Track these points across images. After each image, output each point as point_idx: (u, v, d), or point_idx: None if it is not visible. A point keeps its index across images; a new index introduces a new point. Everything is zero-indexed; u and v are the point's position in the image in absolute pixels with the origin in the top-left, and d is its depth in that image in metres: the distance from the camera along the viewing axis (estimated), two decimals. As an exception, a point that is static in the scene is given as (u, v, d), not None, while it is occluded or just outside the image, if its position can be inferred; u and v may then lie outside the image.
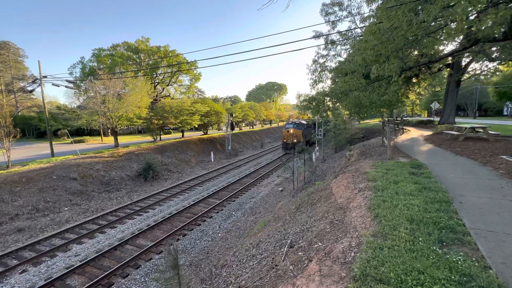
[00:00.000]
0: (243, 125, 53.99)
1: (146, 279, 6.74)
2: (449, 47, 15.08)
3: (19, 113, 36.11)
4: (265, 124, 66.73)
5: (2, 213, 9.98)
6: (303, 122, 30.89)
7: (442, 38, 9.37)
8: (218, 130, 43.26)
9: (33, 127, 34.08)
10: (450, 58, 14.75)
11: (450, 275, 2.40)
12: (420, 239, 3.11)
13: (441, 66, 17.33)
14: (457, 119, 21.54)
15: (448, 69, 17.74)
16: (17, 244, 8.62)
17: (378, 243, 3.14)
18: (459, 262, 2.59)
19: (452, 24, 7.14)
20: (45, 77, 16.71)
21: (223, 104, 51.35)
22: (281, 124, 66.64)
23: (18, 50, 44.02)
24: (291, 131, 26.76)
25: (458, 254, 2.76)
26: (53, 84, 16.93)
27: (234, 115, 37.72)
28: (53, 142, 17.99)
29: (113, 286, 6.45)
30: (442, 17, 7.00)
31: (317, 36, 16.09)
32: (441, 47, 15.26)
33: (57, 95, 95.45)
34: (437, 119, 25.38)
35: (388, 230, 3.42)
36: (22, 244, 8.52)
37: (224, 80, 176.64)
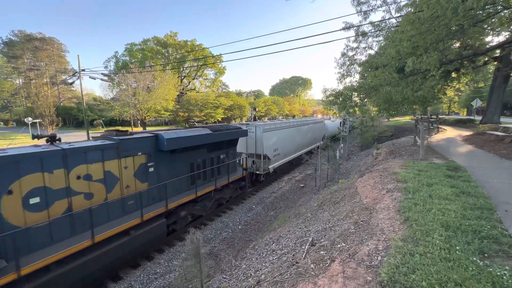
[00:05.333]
0: (266, 119, 53.91)
1: (170, 264, 7.07)
2: (499, 37, 13.50)
3: (61, 104, 39.45)
4: (287, 117, 66.12)
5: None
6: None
7: (491, 27, 8.42)
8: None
9: (73, 117, 37.12)
10: (498, 50, 13.25)
11: (493, 290, 2.17)
12: (457, 247, 2.86)
13: (487, 59, 15.62)
14: (502, 119, 19.38)
15: (496, 62, 15.94)
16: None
17: (409, 248, 2.94)
18: (505, 277, 2.32)
19: (506, 10, 6.35)
20: (83, 70, 17.95)
21: (246, 98, 51.56)
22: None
23: (61, 46, 47.86)
24: None
25: (503, 268, 2.48)
26: (90, 77, 18.19)
27: (257, 109, 37.72)
28: (90, 131, 19.40)
29: (139, 268, 6.86)
30: (493, 4, 6.25)
31: (347, 27, 15.34)
32: (488, 38, 13.74)
33: (94, 87, 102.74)
34: (478, 118, 23.08)
35: (420, 236, 3.19)
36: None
37: (247, 74, 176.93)
